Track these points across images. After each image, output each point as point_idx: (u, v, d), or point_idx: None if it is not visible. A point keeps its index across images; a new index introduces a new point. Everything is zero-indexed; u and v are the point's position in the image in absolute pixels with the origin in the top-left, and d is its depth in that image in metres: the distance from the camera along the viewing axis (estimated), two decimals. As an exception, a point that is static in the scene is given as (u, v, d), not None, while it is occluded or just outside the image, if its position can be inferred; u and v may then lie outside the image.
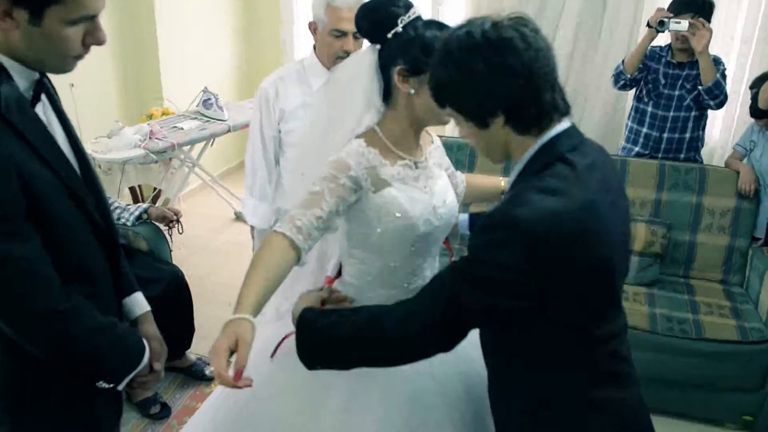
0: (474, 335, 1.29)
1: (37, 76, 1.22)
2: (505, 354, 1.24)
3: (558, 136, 1.17)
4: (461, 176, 1.79)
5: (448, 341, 1.19)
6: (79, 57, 1.20)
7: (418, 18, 1.46)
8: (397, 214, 1.46)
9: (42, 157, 1.17)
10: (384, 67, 1.46)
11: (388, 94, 1.49)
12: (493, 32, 1.12)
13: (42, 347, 1.23)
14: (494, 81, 1.12)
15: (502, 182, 1.80)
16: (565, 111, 1.19)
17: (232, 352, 1.15)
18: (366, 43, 1.54)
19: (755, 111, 2.88)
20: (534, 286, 1.09)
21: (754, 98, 2.85)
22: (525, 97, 1.13)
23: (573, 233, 1.08)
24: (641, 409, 1.27)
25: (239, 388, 1.14)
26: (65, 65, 1.20)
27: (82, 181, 1.29)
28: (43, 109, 1.25)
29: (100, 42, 1.19)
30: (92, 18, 1.16)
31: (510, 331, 1.19)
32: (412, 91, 1.45)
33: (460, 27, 1.17)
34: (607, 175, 1.21)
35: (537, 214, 1.06)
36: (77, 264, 1.26)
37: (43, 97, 1.25)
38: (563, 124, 1.18)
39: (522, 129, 1.17)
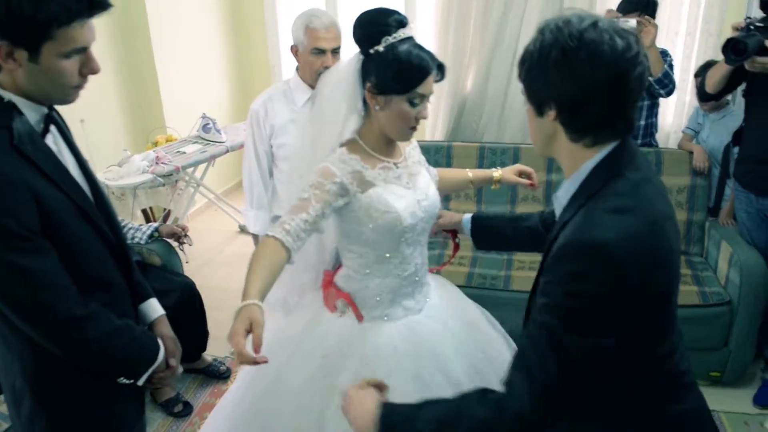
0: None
1: (45, 110, 1.24)
2: None
3: (615, 152, 1.04)
4: (434, 171, 1.80)
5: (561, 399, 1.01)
6: (79, 87, 1.21)
7: (406, 40, 1.41)
8: (384, 210, 1.48)
9: (54, 182, 1.19)
10: (362, 78, 1.47)
11: (365, 102, 1.50)
12: (589, 30, 0.98)
13: (64, 349, 1.24)
14: (557, 74, 1.00)
15: (470, 173, 1.83)
16: (623, 134, 1.06)
17: (247, 334, 1.18)
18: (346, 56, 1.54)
19: (703, 95, 2.91)
20: (619, 314, 0.96)
21: (701, 84, 2.88)
22: (580, 104, 1.01)
23: (650, 253, 0.96)
24: (699, 417, 1.13)
25: (258, 363, 1.16)
26: (67, 96, 1.21)
27: (93, 203, 1.30)
28: (54, 140, 1.27)
29: (94, 71, 1.21)
30: (84, 50, 1.18)
31: None
32: (378, 108, 1.45)
33: (573, 15, 1.02)
34: (659, 188, 1.09)
35: (619, 236, 0.93)
36: (94, 275, 1.28)
37: (53, 128, 1.27)
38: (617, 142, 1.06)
39: (572, 134, 1.05)
